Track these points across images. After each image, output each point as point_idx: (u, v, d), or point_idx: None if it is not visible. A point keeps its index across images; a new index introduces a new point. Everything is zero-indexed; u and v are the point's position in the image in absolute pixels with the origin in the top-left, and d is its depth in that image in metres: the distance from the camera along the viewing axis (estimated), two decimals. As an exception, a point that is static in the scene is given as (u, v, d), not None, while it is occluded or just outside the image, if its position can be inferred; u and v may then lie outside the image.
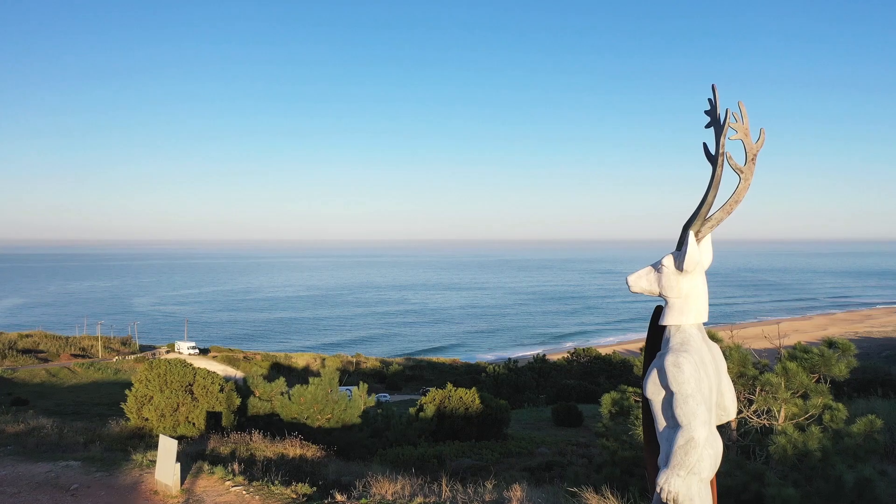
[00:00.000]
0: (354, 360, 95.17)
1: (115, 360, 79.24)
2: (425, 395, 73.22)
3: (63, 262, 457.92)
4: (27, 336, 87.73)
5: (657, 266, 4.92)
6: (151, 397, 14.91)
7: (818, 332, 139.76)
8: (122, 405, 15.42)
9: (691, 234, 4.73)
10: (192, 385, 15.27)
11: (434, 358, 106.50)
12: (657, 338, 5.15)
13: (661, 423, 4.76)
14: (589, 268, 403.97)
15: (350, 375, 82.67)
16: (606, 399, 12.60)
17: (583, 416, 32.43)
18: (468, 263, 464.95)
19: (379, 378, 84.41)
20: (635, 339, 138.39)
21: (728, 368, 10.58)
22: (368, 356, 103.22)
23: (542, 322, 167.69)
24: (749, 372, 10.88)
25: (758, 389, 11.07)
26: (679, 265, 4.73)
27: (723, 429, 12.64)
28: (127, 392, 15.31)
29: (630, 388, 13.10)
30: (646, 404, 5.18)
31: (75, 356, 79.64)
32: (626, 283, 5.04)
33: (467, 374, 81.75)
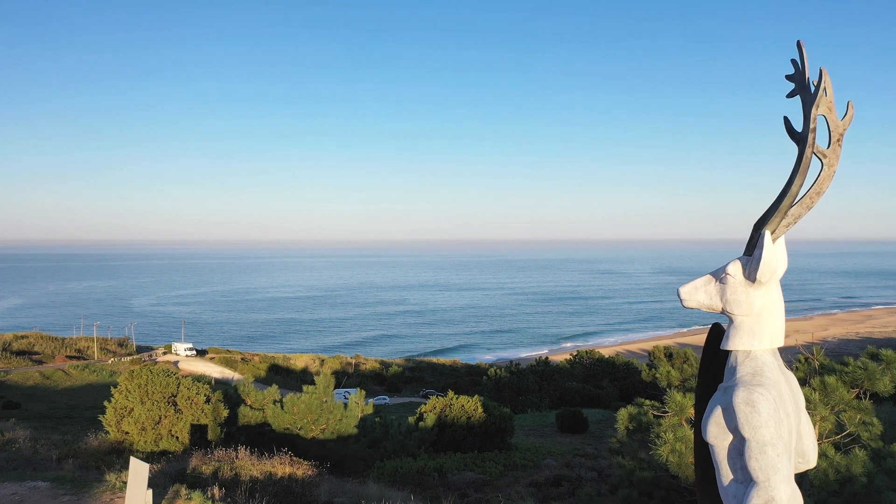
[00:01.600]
0: (354, 361, 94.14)
1: (110, 361, 78.19)
2: (426, 398, 72.18)
3: (62, 262, 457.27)
4: (22, 337, 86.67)
5: (719, 275, 3.89)
6: (132, 409, 13.90)
7: (819, 332, 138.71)
8: (101, 417, 14.41)
9: (767, 234, 3.71)
10: (175, 396, 14.25)
11: (434, 359, 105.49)
12: (716, 364, 4.14)
13: (725, 474, 3.74)
14: (589, 268, 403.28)
15: (349, 377, 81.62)
16: (623, 414, 11.58)
17: (588, 422, 31.39)
18: (468, 263, 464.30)
19: (378, 380, 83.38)
20: (636, 340, 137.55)
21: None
22: (368, 357, 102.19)
23: (543, 323, 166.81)
24: (783, 386, 9.87)
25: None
26: (751, 274, 3.70)
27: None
28: (106, 403, 14.31)
29: (647, 402, 12.10)
30: (699, 442, 4.17)
31: (70, 358, 78.58)
32: (678, 295, 4.02)
33: (468, 376, 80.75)
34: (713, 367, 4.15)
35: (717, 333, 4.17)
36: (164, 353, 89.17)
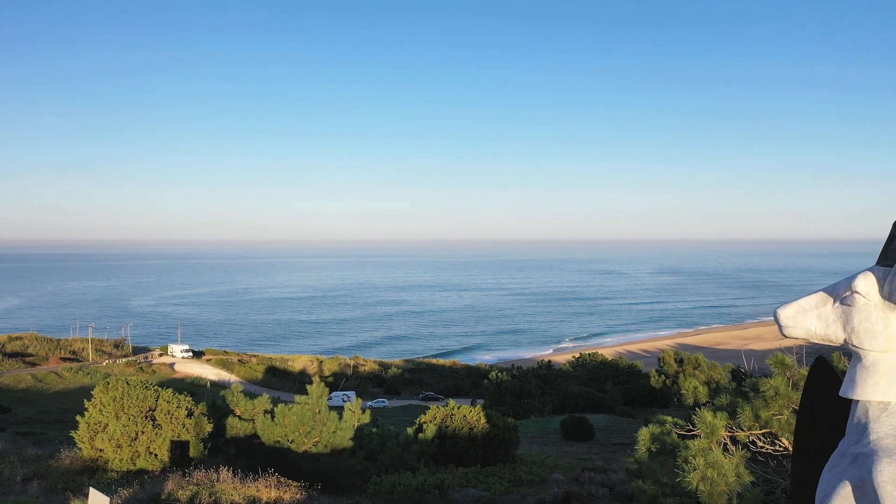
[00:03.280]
0: (353, 362, 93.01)
1: (105, 363, 76.99)
2: (426, 401, 70.07)
3: (61, 263, 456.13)
4: (16, 338, 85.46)
5: (840, 293, 2.74)
6: (106, 424, 12.80)
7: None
8: (73, 433, 13.31)
9: (922, 234, 2.59)
10: (153, 410, 13.15)
11: (434, 360, 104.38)
12: (825, 414, 3.02)
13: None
14: (589, 268, 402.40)
15: (348, 379, 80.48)
16: (644, 434, 10.44)
17: (594, 429, 30.26)
18: (468, 263, 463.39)
19: (377, 382, 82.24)
20: (637, 340, 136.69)
21: (794, 401, 8.23)
22: (367, 359, 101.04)
23: (543, 323, 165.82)
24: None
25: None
26: (893, 293, 2.58)
27: (781, 473, 10.53)
28: (78, 418, 13.20)
29: (669, 419, 10.98)
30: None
31: (65, 360, 77.40)
32: (777, 320, 2.88)
33: (468, 378, 79.68)
34: (819, 418, 3.03)
35: (824, 373, 3.04)
36: (161, 355, 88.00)
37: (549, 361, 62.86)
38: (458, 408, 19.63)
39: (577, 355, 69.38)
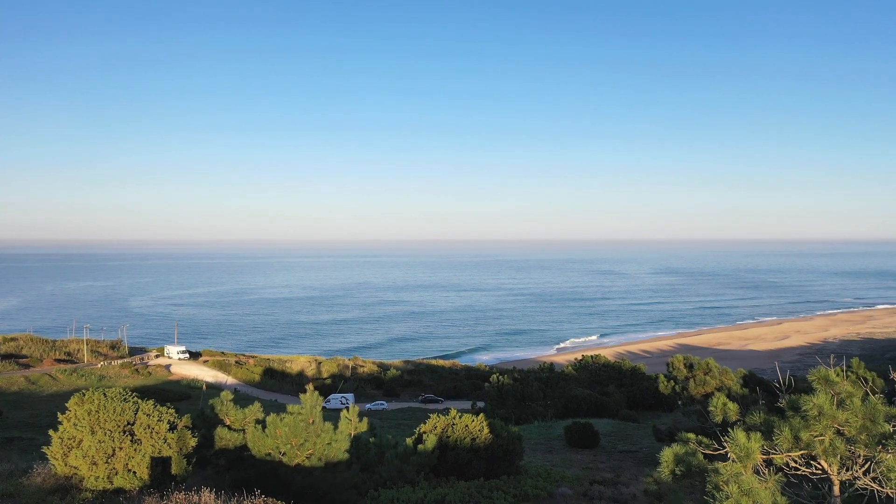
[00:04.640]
0: (351, 364, 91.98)
1: (100, 365, 75.94)
2: (424, 402, 68.36)
3: (61, 263, 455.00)
4: (11, 340, 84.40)
5: None
6: (81, 440, 11.85)
7: (819, 332, 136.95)
8: (45, 449, 12.36)
9: None
10: (132, 424, 12.20)
11: (434, 361, 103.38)
12: None
13: None
14: (589, 268, 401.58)
15: (346, 381, 79.50)
16: (668, 455, 9.49)
17: (599, 435, 29.28)
18: (468, 263, 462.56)
19: (376, 383, 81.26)
20: (637, 340, 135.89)
21: (846, 420, 7.27)
22: (366, 360, 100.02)
23: (543, 324, 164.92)
24: (879, 429, 7.83)
25: (881, 448, 8.02)
26: None
27: (817, 498, 9.59)
28: (51, 433, 12.27)
29: (692, 437, 10.05)
30: None
31: (59, 361, 76.35)
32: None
33: (468, 379, 78.79)
34: None
35: None
36: (157, 357, 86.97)
37: (551, 363, 61.84)
38: (460, 417, 18.70)
39: (580, 357, 68.43)
